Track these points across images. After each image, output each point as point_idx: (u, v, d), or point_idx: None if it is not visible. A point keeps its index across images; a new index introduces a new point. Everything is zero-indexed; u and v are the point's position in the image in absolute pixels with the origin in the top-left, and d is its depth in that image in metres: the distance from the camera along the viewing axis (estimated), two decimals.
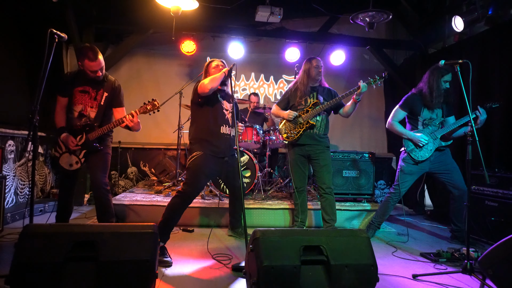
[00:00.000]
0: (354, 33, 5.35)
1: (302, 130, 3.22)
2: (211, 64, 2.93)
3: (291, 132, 3.28)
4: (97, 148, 2.82)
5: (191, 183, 2.71)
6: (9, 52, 4.04)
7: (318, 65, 3.24)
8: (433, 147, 3.22)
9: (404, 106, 3.32)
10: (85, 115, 2.84)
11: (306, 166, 3.35)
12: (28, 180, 3.96)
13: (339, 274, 1.79)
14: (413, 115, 3.32)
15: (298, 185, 3.34)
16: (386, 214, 3.43)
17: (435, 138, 3.23)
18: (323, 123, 3.26)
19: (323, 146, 3.25)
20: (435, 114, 3.27)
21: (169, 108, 5.12)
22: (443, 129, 3.23)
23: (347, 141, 6.04)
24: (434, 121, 3.26)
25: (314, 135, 3.23)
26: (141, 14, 4.59)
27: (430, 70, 3.24)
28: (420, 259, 2.90)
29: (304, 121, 3.22)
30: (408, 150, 3.28)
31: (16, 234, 2.31)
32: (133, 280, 1.71)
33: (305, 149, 3.26)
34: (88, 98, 2.84)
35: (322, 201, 3.26)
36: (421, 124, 3.29)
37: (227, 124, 2.89)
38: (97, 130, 2.80)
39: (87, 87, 2.84)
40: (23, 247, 1.66)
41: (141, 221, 3.63)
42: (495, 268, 1.88)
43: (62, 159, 2.82)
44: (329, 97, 3.29)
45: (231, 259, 2.70)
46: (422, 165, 3.26)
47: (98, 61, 2.72)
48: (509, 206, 3.10)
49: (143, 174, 5.76)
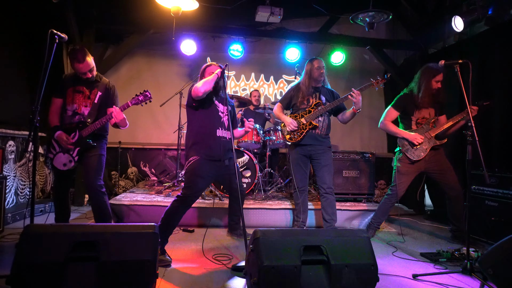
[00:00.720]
0: (354, 33, 5.35)
1: (305, 132, 3.22)
2: (207, 68, 2.92)
3: (294, 133, 3.27)
4: (90, 144, 2.83)
5: (189, 187, 2.72)
6: (9, 52, 4.04)
7: (320, 66, 3.23)
8: (428, 146, 3.23)
9: (397, 106, 3.34)
10: (79, 113, 2.86)
11: (308, 166, 3.35)
12: (29, 181, 3.96)
13: (339, 274, 1.79)
14: (406, 115, 3.34)
15: (299, 185, 3.34)
16: (385, 214, 3.44)
17: (429, 137, 3.24)
18: (325, 123, 3.26)
19: (325, 146, 3.26)
20: (428, 113, 3.29)
21: (169, 108, 5.14)
22: (437, 128, 3.24)
23: (347, 141, 6.04)
24: (427, 120, 3.28)
25: (316, 135, 3.23)
26: (142, 14, 4.60)
27: (421, 70, 3.27)
28: (420, 259, 2.90)
29: (307, 122, 3.22)
30: (403, 150, 3.29)
31: (17, 235, 2.32)
32: (134, 280, 1.71)
33: (307, 149, 3.26)
34: (82, 97, 2.87)
35: (322, 200, 3.26)
36: (415, 124, 3.31)
37: (223, 127, 2.87)
38: (89, 126, 2.82)
39: (81, 87, 2.88)
40: (24, 247, 1.67)
41: (141, 221, 3.63)
42: (495, 268, 1.88)
43: (56, 159, 2.83)
44: (331, 98, 3.29)
45: (231, 259, 2.71)
46: (418, 164, 3.28)
47: (86, 62, 2.77)
48: (509, 206, 3.10)
49: (143, 174, 5.76)
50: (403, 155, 3.31)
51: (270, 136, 4.43)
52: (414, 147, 3.24)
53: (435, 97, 3.23)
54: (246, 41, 5.31)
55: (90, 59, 2.79)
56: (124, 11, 4.67)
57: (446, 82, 3.29)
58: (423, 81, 3.20)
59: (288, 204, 3.85)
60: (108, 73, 5.25)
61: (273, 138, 4.40)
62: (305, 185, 3.39)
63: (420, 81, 3.23)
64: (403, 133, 3.29)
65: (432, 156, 3.26)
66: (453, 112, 3.36)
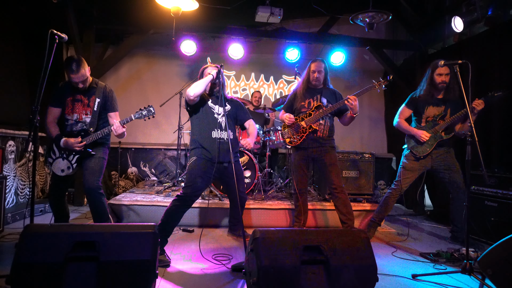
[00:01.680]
0: (354, 33, 5.36)
1: (305, 135, 3.18)
2: (204, 70, 2.92)
3: (293, 137, 3.24)
4: (90, 153, 2.83)
5: (189, 186, 2.73)
6: (9, 52, 4.04)
7: (316, 69, 3.17)
8: (434, 142, 3.23)
9: (409, 104, 3.37)
10: (81, 121, 2.86)
11: (309, 168, 3.33)
12: (29, 181, 3.96)
13: (339, 274, 1.79)
14: (417, 112, 3.35)
15: (299, 187, 3.30)
16: (387, 210, 3.41)
17: (435, 133, 3.24)
18: (326, 126, 3.20)
19: (327, 147, 3.20)
20: (438, 110, 3.27)
21: (169, 108, 5.14)
22: (443, 124, 3.23)
23: (347, 141, 6.04)
24: (435, 117, 3.27)
25: (317, 138, 3.18)
26: (142, 14, 4.60)
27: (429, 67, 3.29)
28: (419, 259, 2.90)
29: (307, 126, 3.17)
30: (409, 146, 3.30)
31: (17, 234, 2.32)
32: (134, 280, 1.71)
33: (308, 152, 3.22)
34: (81, 106, 2.86)
35: (335, 201, 3.19)
36: (425, 121, 3.32)
37: (219, 128, 2.85)
38: (92, 135, 2.81)
39: (79, 96, 2.86)
40: (23, 247, 1.67)
41: (141, 221, 3.64)
42: (494, 268, 1.88)
43: (54, 165, 2.83)
44: (333, 99, 3.22)
45: (230, 259, 2.71)
46: (424, 161, 3.27)
47: (79, 73, 2.72)
48: (508, 206, 3.10)
49: (143, 175, 5.76)
50: (409, 152, 3.32)
51: (270, 136, 4.43)
52: (420, 143, 3.24)
53: (445, 95, 3.22)
54: (246, 41, 5.32)
55: (84, 71, 2.75)
56: (124, 12, 4.67)
57: None
58: (427, 76, 3.25)
59: (288, 204, 3.85)
60: (108, 73, 5.26)
61: (273, 138, 4.40)
62: (305, 187, 3.37)
63: (426, 77, 3.27)
64: (410, 129, 3.31)
65: (440, 154, 3.25)
66: None
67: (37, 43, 4.26)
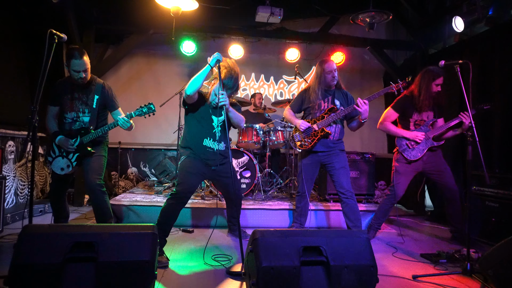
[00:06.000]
0: (354, 33, 5.35)
1: (317, 139, 3.10)
2: None
3: (305, 140, 3.15)
4: (90, 152, 2.82)
5: (181, 183, 2.70)
6: (9, 52, 4.04)
7: (331, 70, 3.07)
8: (425, 147, 3.23)
9: (396, 108, 3.33)
10: (79, 120, 2.84)
11: (316, 172, 3.26)
12: (28, 181, 3.95)
13: (339, 275, 1.78)
14: (404, 116, 3.33)
15: (302, 190, 3.26)
16: (385, 215, 3.42)
17: (427, 138, 3.24)
18: (337, 129, 3.14)
19: (336, 150, 3.14)
20: (427, 116, 3.30)
21: (169, 108, 5.12)
22: (435, 130, 3.24)
23: (347, 141, 5.93)
24: (425, 122, 3.28)
25: (328, 142, 3.11)
26: (141, 14, 4.59)
27: (422, 72, 3.26)
28: (420, 260, 2.89)
29: (319, 129, 3.08)
30: (400, 150, 3.29)
31: (16, 235, 2.31)
32: (133, 280, 1.70)
33: (318, 156, 3.16)
34: (80, 104, 2.84)
35: (343, 206, 3.11)
36: (413, 125, 3.31)
37: (213, 138, 2.75)
38: (91, 133, 2.80)
39: (77, 93, 2.84)
40: (22, 248, 1.66)
41: (141, 221, 3.63)
42: (495, 269, 1.87)
43: (54, 163, 2.83)
44: (345, 102, 3.15)
45: (230, 260, 2.70)
46: (416, 165, 3.27)
47: (82, 60, 2.70)
48: (509, 206, 3.09)
49: (143, 175, 5.75)
50: (400, 155, 3.30)
51: (270, 136, 4.42)
52: (411, 147, 3.23)
53: (435, 100, 3.22)
54: (246, 41, 5.31)
55: (87, 59, 2.75)
56: (124, 12, 4.67)
57: (446, 82, 3.28)
58: (423, 84, 3.19)
59: (288, 204, 3.84)
60: (108, 74, 5.25)
61: (273, 138, 4.39)
62: (309, 190, 3.32)
63: (421, 84, 3.21)
64: (403, 132, 3.28)
65: (430, 157, 3.26)
66: (453, 113, 3.36)
67: (37, 43, 4.26)
